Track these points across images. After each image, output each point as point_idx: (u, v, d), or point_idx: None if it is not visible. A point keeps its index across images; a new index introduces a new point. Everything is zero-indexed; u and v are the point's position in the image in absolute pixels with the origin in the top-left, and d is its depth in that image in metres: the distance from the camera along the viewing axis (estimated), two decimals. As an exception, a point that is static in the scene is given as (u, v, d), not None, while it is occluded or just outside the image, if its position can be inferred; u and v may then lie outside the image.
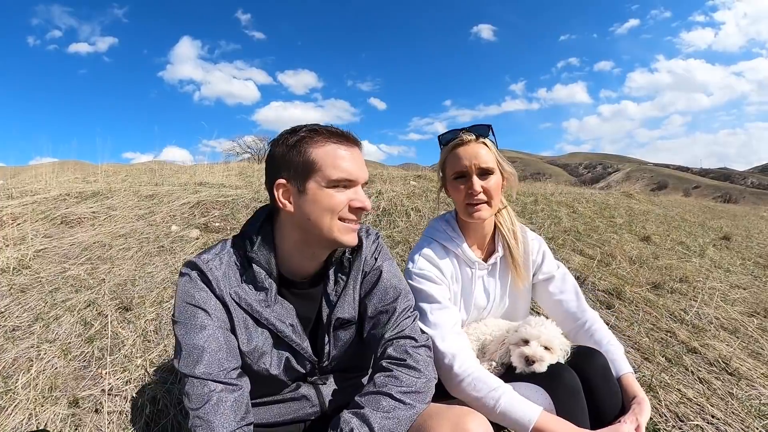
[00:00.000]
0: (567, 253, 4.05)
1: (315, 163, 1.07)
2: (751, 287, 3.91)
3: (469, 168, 1.46)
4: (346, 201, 1.08)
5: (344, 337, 1.24)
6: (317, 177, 1.07)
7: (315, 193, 1.07)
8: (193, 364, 1.02)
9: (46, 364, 1.91)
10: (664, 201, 9.90)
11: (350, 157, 1.09)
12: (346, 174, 1.07)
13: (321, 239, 1.11)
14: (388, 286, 1.24)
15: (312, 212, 1.08)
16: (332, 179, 1.07)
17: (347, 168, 1.08)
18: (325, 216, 1.08)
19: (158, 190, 4.87)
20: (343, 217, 1.09)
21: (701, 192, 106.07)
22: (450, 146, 1.51)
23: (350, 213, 1.10)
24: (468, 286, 1.57)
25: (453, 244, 1.54)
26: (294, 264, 1.17)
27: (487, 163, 1.46)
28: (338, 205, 1.08)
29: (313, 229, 1.09)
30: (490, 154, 1.48)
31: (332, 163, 1.06)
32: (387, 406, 1.04)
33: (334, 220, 1.08)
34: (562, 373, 1.33)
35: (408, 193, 5.42)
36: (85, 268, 2.87)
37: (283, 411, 1.22)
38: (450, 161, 1.52)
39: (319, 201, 1.07)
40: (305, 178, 1.07)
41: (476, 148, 1.47)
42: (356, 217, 1.11)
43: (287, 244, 1.15)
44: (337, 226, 1.09)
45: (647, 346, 2.55)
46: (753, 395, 2.13)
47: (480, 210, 1.48)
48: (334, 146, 1.08)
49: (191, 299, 1.07)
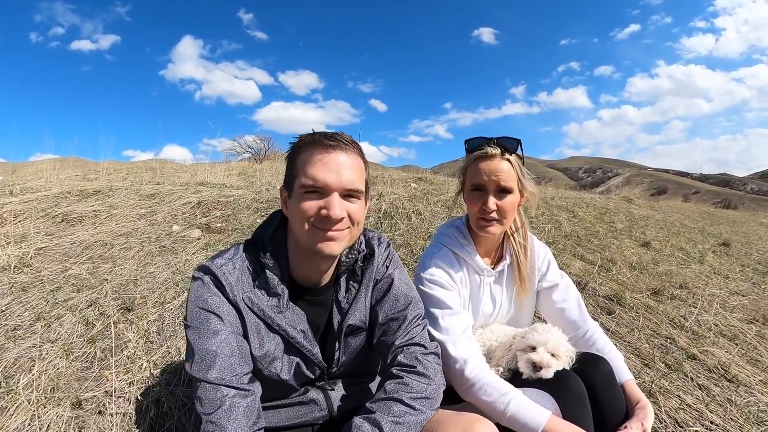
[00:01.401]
0: (568, 259, 4.06)
1: (295, 170, 1.09)
2: (750, 294, 3.93)
3: (487, 183, 1.45)
4: (316, 207, 1.06)
5: (354, 344, 1.25)
6: (297, 183, 1.08)
7: (295, 198, 1.09)
8: (206, 368, 1.03)
9: (48, 365, 1.90)
10: (663, 206, 9.93)
11: (321, 162, 1.06)
12: (311, 180, 1.05)
13: (302, 245, 1.12)
14: (399, 294, 1.25)
15: (293, 218, 1.11)
16: (302, 185, 1.07)
17: (312, 174, 1.05)
18: (298, 221, 1.09)
19: (159, 189, 4.87)
20: (315, 224, 1.07)
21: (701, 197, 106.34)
22: (473, 157, 1.48)
23: (320, 221, 1.07)
24: (476, 293, 1.58)
25: (463, 252, 1.55)
26: (304, 270, 1.18)
27: (506, 182, 1.44)
28: (307, 212, 1.06)
29: (297, 234, 1.11)
30: (511, 172, 1.45)
31: (303, 170, 1.07)
32: (398, 412, 1.06)
33: (306, 225, 1.07)
34: (568, 379, 1.35)
35: (409, 196, 5.42)
36: (86, 267, 2.87)
37: (292, 415, 1.24)
38: (470, 172, 1.50)
39: (295, 207, 1.09)
40: (291, 185, 1.10)
41: (499, 165, 1.44)
42: (325, 225, 1.07)
43: (292, 248, 1.17)
44: (311, 233, 1.07)
45: (647, 352, 2.56)
46: (751, 402, 2.14)
47: (491, 227, 1.47)
48: (311, 152, 1.08)
49: (204, 304, 1.07)
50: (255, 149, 16.63)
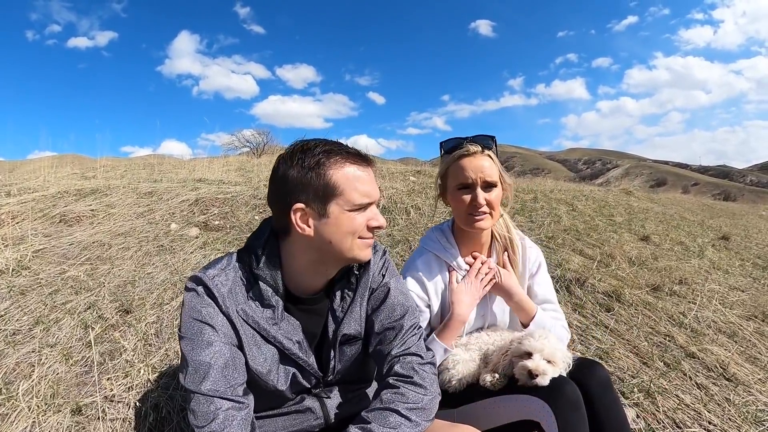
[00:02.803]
0: (567, 254, 4.06)
1: (337, 187, 1.05)
2: (749, 289, 3.93)
3: (474, 181, 1.48)
4: (365, 222, 1.10)
5: (350, 353, 1.24)
6: (339, 200, 1.06)
7: (337, 216, 1.07)
8: (200, 380, 1.02)
9: (47, 370, 1.90)
10: (663, 198, 9.92)
11: (368, 179, 1.10)
12: (368, 198, 1.08)
13: (339, 258, 1.12)
14: (396, 303, 1.24)
15: (334, 235, 1.08)
16: (356, 203, 1.07)
17: (368, 191, 1.08)
18: (347, 238, 1.09)
19: (157, 187, 4.84)
20: (362, 235, 1.10)
21: (700, 189, 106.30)
22: (455, 156, 1.51)
23: (368, 231, 1.11)
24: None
25: (446, 255, 1.58)
26: (302, 281, 1.17)
27: (491, 177, 1.48)
28: (359, 227, 1.09)
29: (333, 250, 1.10)
30: (494, 167, 1.49)
31: (354, 187, 1.06)
32: (393, 423, 1.06)
33: (355, 240, 1.09)
34: (564, 386, 1.34)
35: (408, 190, 5.41)
36: (84, 269, 2.86)
37: (288, 423, 1.23)
38: (453, 172, 1.52)
39: (341, 224, 1.07)
40: (326, 202, 1.06)
41: (482, 161, 1.48)
42: (373, 234, 1.13)
43: (298, 263, 1.14)
44: (357, 245, 1.10)
45: (646, 350, 2.57)
46: (750, 401, 2.15)
47: (482, 221, 1.50)
48: (353, 168, 1.07)
49: (198, 315, 1.06)
50: (253, 143, 16.57)
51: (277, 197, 1.10)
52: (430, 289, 1.54)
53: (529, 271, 1.66)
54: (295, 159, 1.06)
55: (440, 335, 1.51)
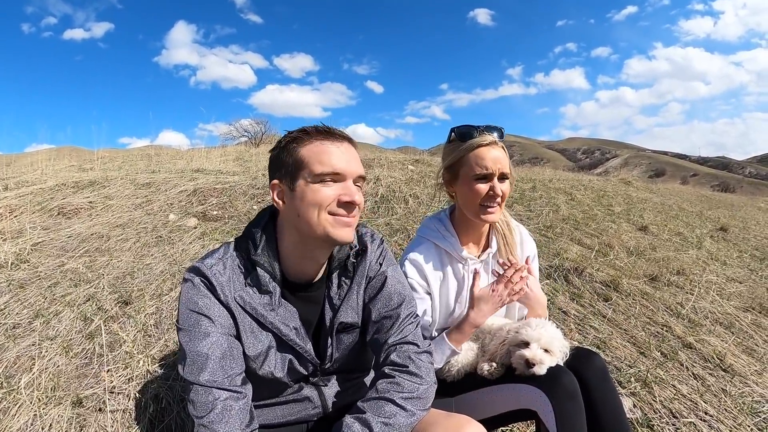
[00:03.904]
0: (565, 243, 4.07)
1: (302, 161, 1.08)
2: (747, 281, 3.95)
3: (493, 171, 1.45)
4: (334, 195, 1.08)
5: (347, 341, 1.25)
6: (304, 173, 1.08)
7: (302, 189, 1.08)
8: (198, 371, 1.03)
9: (48, 363, 1.91)
10: (661, 189, 9.92)
11: (337, 151, 1.10)
12: (330, 168, 1.08)
13: (313, 236, 1.11)
14: (393, 292, 1.24)
15: (300, 208, 1.09)
16: (317, 173, 1.07)
17: (331, 162, 1.08)
18: (312, 211, 1.08)
19: (155, 177, 4.83)
20: (333, 211, 1.09)
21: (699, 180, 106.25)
22: (473, 145, 1.47)
23: (339, 207, 1.09)
24: (461, 283, 1.58)
25: (445, 243, 1.56)
26: (296, 266, 1.18)
27: (505, 168, 1.47)
28: (325, 200, 1.08)
29: (304, 226, 1.10)
30: (506, 159, 1.49)
31: (318, 159, 1.08)
32: (389, 413, 1.06)
33: (323, 214, 1.08)
34: (561, 376, 1.35)
35: (406, 179, 5.39)
36: (83, 261, 2.86)
37: (286, 412, 1.24)
38: (471, 160, 1.47)
39: (306, 197, 1.08)
40: (295, 177, 1.09)
41: (499, 152, 1.47)
42: (346, 211, 1.10)
43: (287, 244, 1.16)
44: (327, 220, 1.09)
45: (643, 340, 2.59)
46: (746, 392, 2.17)
47: (494, 212, 1.49)
48: (319, 142, 1.10)
49: (195, 306, 1.07)
50: (251, 133, 16.43)
51: (268, 179, 1.17)
52: (430, 276, 1.53)
53: (524, 258, 1.67)
54: (279, 142, 1.14)
55: (450, 336, 1.48)
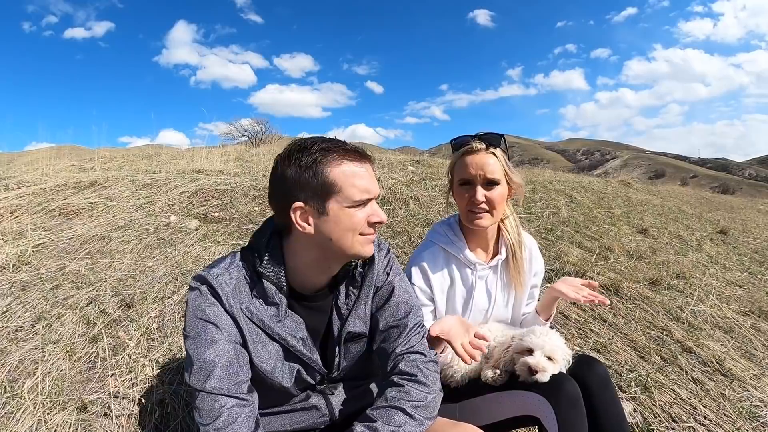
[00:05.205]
0: (566, 246, 4.07)
1: (335, 185, 1.05)
2: (746, 285, 3.96)
3: (474, 177, 1.50)
4: (365, 218, 1.10)
5: (354, 350, 1.26)
6: (338, 198, 1.06)
7: (336, 214, 1.07)
8: (204, 378, 1.03)
9: (51, 366, 1.91)
10: (661, 191, 9.93)
11: (367, 175, 1.09)
12: (366, 194, 1.08)
13: (341, 255, 1.13)
14: (400, 302, 1.25)
15: (334, 232, 1.08)
16: (355, 200, 1.07)
17: (366, 187, 1.08)
18: (348, 235, 1.09)
19: (156, 178, 4.82)
20: (363, 232, 1.10)
21: (698, 182, 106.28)
22: (460, 152, 1.54)
23: (369, 227, 1.11)
24: (469, 288, 1.60)
25: (454, 248, 1.58)
26: (306, 278, 1.18)
27: (493, 174, 1.49)
28: (359, 223, 1.09)
29: (335, 248, 1.10)
30: (497, 165, 1.50)
31: (351, 183, 1.06)
32: (398, 421, 1.08)
33: (356, 236, 1.09)
34: (564, 383, 1.36)
35: (407, 181, 5.39)
36: (85, 263, 2.86)
37: (293, 420, 1.25)
38: (458, 167, 1.55)
39: (341, 221, 1.07)
40: (325, 200, 1.06)
41: (485, 158, 1.49)
42: (372, 231, 1.13)
43: (301, 260, 1.15)
44: (358, 241, 1.10)
45: (643, 345, 2.60)
46: (744, 397, 2.19)
47: (481, 218, 1.52)
48: (350, 165, 1.07)
49: (202, 314, 1.07)
50: (251, 133, 16.40)
51: (277, 197, 1.11)
52: (436, 281, 1.55)
53: (533, 272, 1.69)
54: (292, 158, 1.07)
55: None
